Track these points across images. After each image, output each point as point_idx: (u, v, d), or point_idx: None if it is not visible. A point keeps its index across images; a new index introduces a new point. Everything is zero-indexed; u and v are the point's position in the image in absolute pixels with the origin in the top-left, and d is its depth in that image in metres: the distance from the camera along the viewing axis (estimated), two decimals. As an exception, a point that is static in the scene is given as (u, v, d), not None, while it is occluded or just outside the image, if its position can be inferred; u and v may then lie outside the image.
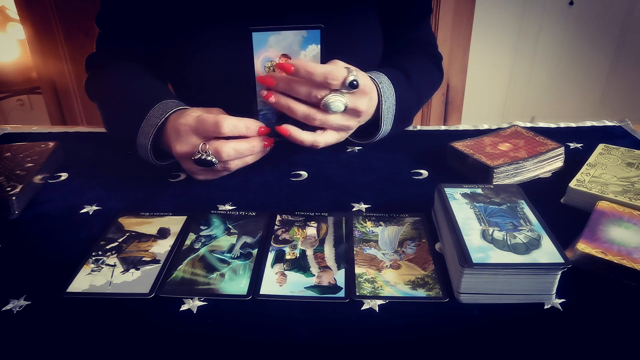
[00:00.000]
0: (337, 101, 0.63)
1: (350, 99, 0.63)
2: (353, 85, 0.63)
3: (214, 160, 0.61)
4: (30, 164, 0.68)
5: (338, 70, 0.62)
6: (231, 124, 0.61)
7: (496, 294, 0.46)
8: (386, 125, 0.71)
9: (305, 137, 0.64)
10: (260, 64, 0.65)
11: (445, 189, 0.56)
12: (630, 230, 0.51)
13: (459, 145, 0.70)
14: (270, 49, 0.64)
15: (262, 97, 0.65)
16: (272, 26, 0.63)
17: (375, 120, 0.70)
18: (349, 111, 0.64)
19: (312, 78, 0.61)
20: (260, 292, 0.47)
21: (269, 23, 0.63)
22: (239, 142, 0.62)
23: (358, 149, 0.76)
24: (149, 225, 0.58)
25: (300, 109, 0.63)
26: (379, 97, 0.68)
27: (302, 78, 0.62)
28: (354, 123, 0.67)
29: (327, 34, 0.64)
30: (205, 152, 0.61)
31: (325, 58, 0.65)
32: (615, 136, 0.79)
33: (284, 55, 0.65)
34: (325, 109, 0.63)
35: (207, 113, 0.65)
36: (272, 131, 0.65)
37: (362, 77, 0.64)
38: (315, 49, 0.64)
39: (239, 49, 0.64)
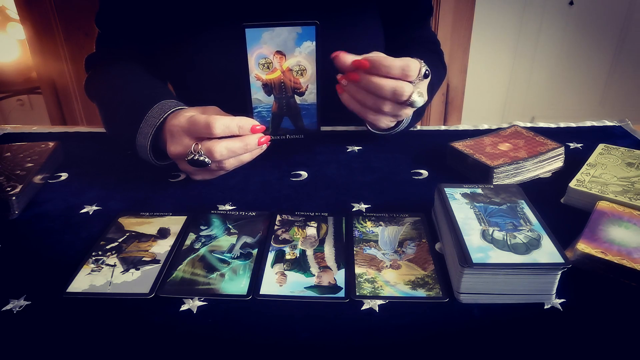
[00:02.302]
0: (419, 96, 0.63)
1: (420, 89, 0.64)
2: (426, 76, 0.62)
3: (206, 160, 0.61)
4: (30, 164, 0.68)
5: (413, 62, 0.61)
6: (223, 124, 0.60)
7: (496, 294, 0.46)
8: (409, 116, 0.72)
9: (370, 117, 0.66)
10: (254, 60, 0.64)
11: (445, 189, 0.56)
12: (630, 230, 0.51)
13: (459, 145, 0.70)
14: (264, 46, 0.64)
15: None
16: (265, 22, 0.63)
17: None
18: None
19: (389, 72, 0.61)
20: (260, 292, 0.47)
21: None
22: (231, 140, 0.61)
23: (358, 149, 0.76)
24: (149, 225, 0.58)
25: (388, 106, 0.64)
26: None
27: (379, 73, 0.61)
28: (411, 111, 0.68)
29: (325, 33, 0.64)
30: (198, 153, 0.61)
31: (320, 55, 0.65)
32: (615, 136, 0.79)
33: (278, 52, 0.65)
34: (411, 105, 0.63)
35: (202, 113, 0.64)
36: (267, 128, 0.65)
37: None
38: (310, 46, 0.64)
39: (237, 49, 0.64)
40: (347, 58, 0.64)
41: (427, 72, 0.62)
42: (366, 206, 0.61)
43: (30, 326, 0.44)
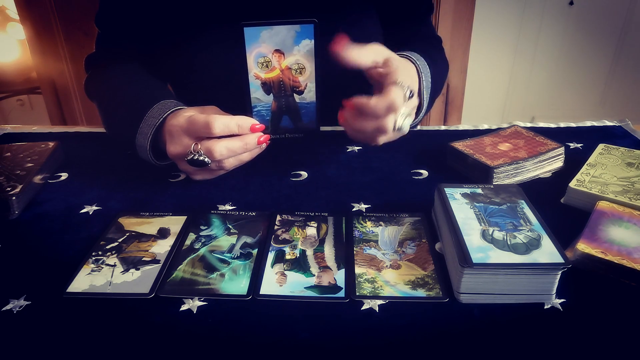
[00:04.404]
0: (406, 120, 0.63)
1: (407, 106, 0.64)
2: (410, 96, 0.63)
3: (206, 160, 0.61)
4: (30, 164, 0.68)
5: (396, 94, 0.61)
6: (222, 123, 0.60)
7: (496, 294, 0.46)
8: (426, 104, 0.72)
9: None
10: (252, 59, 0.64)
11: (445, 189, 0.56)
12: (630, 230, 0.51)
13: (459, 145, 0.70)
14: (263, 44, 0.64)
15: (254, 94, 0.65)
16: (264, 21, 0.63)
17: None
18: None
19: (376, 114, 0.61)
20: (260, 292, 0.47)
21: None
22: (231, 140, 0.61)
23: (358, 149, 0.76)
24: (149, 225, 0.58)
25: (381, 137, 0.64)
26: (418, 74, 0.69)
27: (366, 114, 0.62)
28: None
29: (324, 33, 0.64)
30: (198, 153, 0.61)
31: (319, 53, 0.65)
32: (615, 136, 0.79)
33: (277, 51, 0.65)
34: (399, 130, 0.63)
35: (201, 112, 0.64)
36: (267, 127, 0.65)
37: (410, 81, 0.64)
38: (308, 44, 0.64)
39: (237, 49, 0.64)
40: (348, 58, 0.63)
41: (411, 94, 0.63)
42: (366, 206, 0.61)
43: (30, 326, 0.44)
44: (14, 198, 0.60)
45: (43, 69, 1.82)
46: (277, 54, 0.65)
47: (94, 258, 0.52)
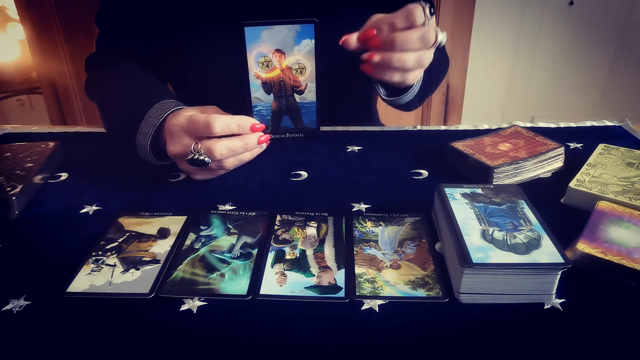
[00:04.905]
0: (440, 32, 0.61)
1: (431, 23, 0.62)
2: (432, 13, 0.61)
3: (206, 159, 0.61)
4: (30, 164, 0.68)
5: (414, 6, 0.59)
6: (223, 123, 0.60)
7: (496, 294, 0.46)
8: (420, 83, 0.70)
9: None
10: (253, 59, 0.65)
11: (445, 189, 0.56)
12: (630, 230, 0.51)
13: (459, 145, 0.70)
14: (264, 44, 0.64)
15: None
16: (265, 20, 0.63)
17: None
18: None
19: (396, 26, 0.60)
20: (260, 292, 0.47)
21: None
22: (231, 139, 0.61)
23: (358, 149, 0.76)
24: (149, 225, 0.58)
25: (411, 59, 0.62)
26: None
27: (391, 33, 0.60)
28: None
29: (323, 34, 0.64)
30: (198, 152, 0.61)
31: (319, 53, 0.65)
32: (615, 136, 0.79)
33: (278, 51, 0.65)
34: (439, 45, 0.62)
35: (202, 112, 0.64)
36: (267, 127, 0.65)
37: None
38: (309, 44, 0.64)
39: (237, 49, 0.64)
40: (353, 37, 0.63)
41: (431, 9, 0.61)
42: (366, 206, 0.61)
43: (30, 326, 0.44)
44: (14, 198, 0.60)
45: (43, 69, 1.82)
46: (277, 54, 0.65)
47: (94, 258, 0.52)
